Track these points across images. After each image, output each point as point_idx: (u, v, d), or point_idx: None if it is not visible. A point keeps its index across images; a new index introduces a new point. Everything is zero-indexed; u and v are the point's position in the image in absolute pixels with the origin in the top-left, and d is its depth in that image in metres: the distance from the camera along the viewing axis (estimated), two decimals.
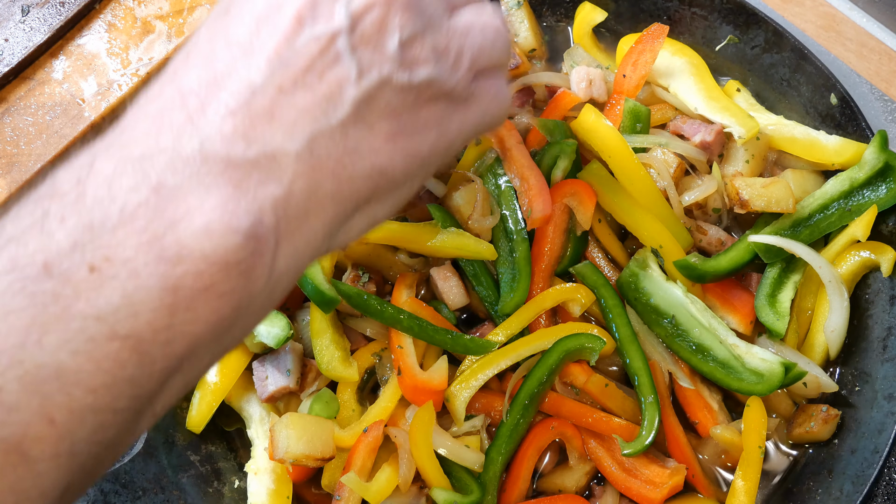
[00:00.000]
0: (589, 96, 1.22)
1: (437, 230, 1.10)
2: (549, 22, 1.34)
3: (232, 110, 0.56)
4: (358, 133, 0.59)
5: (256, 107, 0.56)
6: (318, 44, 0.58)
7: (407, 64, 0.60)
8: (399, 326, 1.08)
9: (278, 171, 0.56)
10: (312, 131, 0.57)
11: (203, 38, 0.60)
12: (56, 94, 1.19)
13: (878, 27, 1.32)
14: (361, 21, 0.59)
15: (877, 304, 1.12)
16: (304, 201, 0.58)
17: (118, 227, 0.53)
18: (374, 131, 0.60)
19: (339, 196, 0.59)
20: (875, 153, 1.12)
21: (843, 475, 1.04)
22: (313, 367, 1.12)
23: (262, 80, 0.57)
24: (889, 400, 1.05)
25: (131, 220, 0.53)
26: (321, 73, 0.58)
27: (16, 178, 1.14)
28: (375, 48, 0.59)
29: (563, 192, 1.13)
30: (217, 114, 0.56)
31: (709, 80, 1.22)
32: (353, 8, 0.59)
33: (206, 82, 0.57)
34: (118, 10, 1.24)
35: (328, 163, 0.58)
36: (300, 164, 0.57)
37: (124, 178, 0.54)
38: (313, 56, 0.58)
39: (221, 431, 1.17)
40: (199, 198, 0.54)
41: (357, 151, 0.59)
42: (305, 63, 0.58)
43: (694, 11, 1.26)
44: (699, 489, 1.08)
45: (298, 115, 0.57)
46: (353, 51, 0.58)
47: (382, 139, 0.60)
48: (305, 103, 0.57)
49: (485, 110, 0.68)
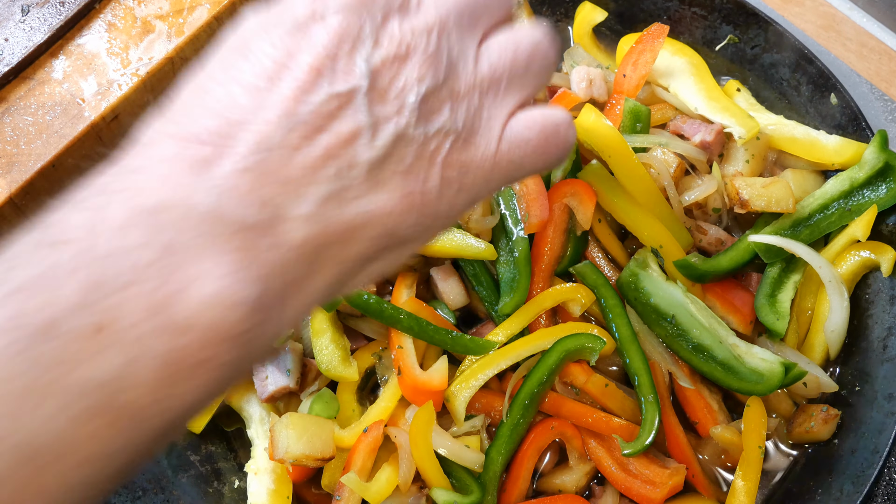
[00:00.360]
0: (589, 96, 1.22)
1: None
2: (549, 22, 1.34)
3: (245, 167, 0.54)
4: (369, 193, 0.57)
5: (269, 165, 0.54)
6: (335, 101, 0.56)
7: (425, 116, 0.58)
8: (399, 326, 1.08)
9: (287, 235, 0.54)
10: (323, 193, 0.55)
11: (217, 75, 0.58)
12: (56, 94, 1.19)
13: (878, 27, 1.32)
14: (381, 76, 0.57)
15: (877, 304, 1.12)
16: (311, 264, 0.56)
17: (127, 287, 0.51)
18: (388, 191, 0.57)
19: (344, 257, 0.57)
20: (875, 153, 1.12)
21: (843, 475, 1.04)
22: (313, 367, 1.12)
23: (277, 136, 0.55)
24: (889, 400, 1.05)
25: (140, 280, 0.51)
26: (337, 133, 0.56)
27: (16, 178, 1.14)
28: (393, 105, 0.57)
29: (562, 192, 1.13)
30: (230, 170, 0.54)
31: (709, 80, 1.22)
32: (374, 63, 0.57)
33: (219, 132, 0.55)
34: (118, 9, 1.24)
35: (337, 226, 0.56)
36: (309, 227, 0.55)
37: (137, 232, 0.52)
38: (330, 113, 0.56)
39: (221, 431, 1.17)
40: (210, 263, 0.52)
41: (368, 213, 0.57)
42: (320, 121, 0.55)
43: (694, 11, 1.26)
44: (699, 489, 1.08)
45: (310, 175, 0.55)
46: (371, 108, 0.56)
47: (396, 199, 0.58)
48: (318, 163, 0.55)
49: (521, 157, 0.63)
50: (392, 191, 0.57)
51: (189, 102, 0.58)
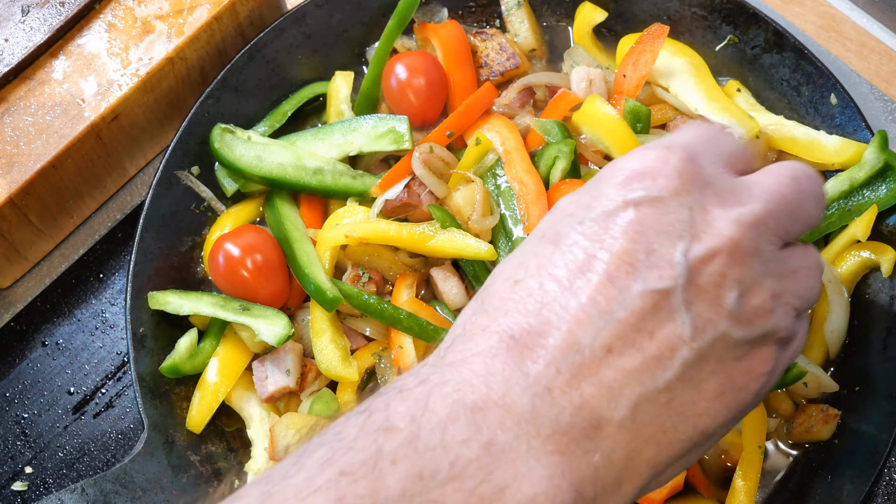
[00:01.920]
0: (589, 96, 1.22)
1: (437, 230, 1.10)
2: (549, 22, 1.34)
3: (558, 369, 0.53)
4: (684, 395, 0.54)
5: (582, 365, 0.53)
6: (651, 298, 0.53)
7: (745, 319, 0.55)
8: (399, 326, 1.08)
9: (601, 440, 0.53)
10: (637, 396, 0.53)
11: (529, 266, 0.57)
12: (56, 94, 1.19)
13: (878, 27, 1.32)
14: (700, 273, 0.54)
15: (877, 304, 1.12)
16: (622, 470, 0.54)
17: (447, 483, 0.50)
18: (702, 391, 0.55)
19: (655, 461, 0.55)
20: (875, 153, 1.12)
21: (843, 475, 1.04)
22: (313, 367, 1.12)
23: (588, 336, 0.53)
24: (889, 400, 1.05)
25: (461, 477, 0.50)
26: (652, 332, 0.53)
27: (16, 178, 1.14)
28: (712, 304, 0.54)
29: (562, 193, 1.13)
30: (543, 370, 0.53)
31: (709, 80, 1.22)
32: (692, 257, 0.54)
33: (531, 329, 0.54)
34: (118, 10, 1.24)
35: (650, 429, 0.54)
36: (622, 433, 0.53)
37: (457, 428, 0.52)
38: (644, 311, 0.53)
39: (221, 431, 1.17)
40: (528, 465, 0.51)
41: (681, 415, 0.55)
42: (636, 320, 0.53)
43: (694, 11, 1.26)
44: (699, 489, 1.08)
45: (625, 378, 0.53)
46: (689, 307, 0.54)
47: (710, 398, 0.55)
48: (633, 365, 0.53)
49: (799, 346, 0.63)
50: (706, 390, 0.55)
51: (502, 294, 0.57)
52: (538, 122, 1.17)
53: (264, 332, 1.08)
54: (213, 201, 1.23)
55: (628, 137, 1.11)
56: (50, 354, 1.24)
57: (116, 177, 1.29)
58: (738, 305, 0.55)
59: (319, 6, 1.27)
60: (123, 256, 1.29)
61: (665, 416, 0.54)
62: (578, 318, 0.53)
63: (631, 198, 0.55)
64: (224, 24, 1.25)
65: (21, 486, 1.18)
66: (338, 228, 1.13)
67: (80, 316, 1.26)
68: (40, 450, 1.20)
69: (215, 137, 1.19)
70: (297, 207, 1.21)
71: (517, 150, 1.16)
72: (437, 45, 1.26)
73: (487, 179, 1.16)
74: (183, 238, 1.22)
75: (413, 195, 1.13)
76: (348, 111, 1.25)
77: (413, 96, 1.21)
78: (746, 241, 0.55)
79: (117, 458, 1.19)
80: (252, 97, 1.27)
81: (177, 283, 1.19)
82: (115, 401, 1.22)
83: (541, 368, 0.53)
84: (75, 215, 1.27)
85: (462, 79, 1.24)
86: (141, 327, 1.13)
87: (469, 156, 1.16)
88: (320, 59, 1.31)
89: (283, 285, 1.15)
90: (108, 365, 1.24)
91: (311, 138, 1.22)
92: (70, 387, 1.23)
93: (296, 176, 1.17)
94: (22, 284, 1.27)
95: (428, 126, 1.23)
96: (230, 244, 1.13)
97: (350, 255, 1.16)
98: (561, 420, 0.53)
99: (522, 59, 1.27)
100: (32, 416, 1.22)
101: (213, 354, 1.13)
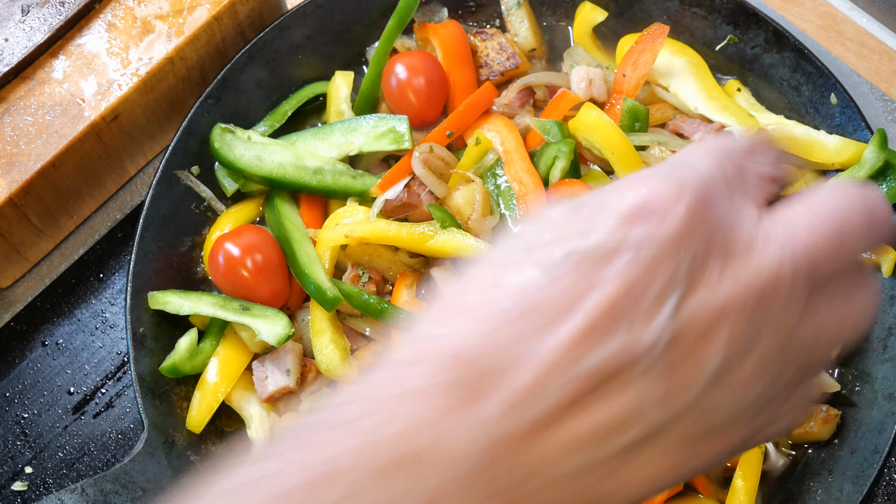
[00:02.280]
0: (589, 96, 1.22)
1: (437, 230, 1.10)
2: (549, 22, 1.34)
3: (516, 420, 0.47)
4: (634, 462, 0.48)
5: (536, 420, 0.47)
6: (620, 359, 0.46)
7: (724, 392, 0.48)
8: (399, 326, 1.08)
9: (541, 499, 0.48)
10: (583, 462, 0.47)
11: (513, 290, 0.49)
12: (56, 94, 1.19)
13: (878, 27, 1.32)
14: (685, 335, 0.47)
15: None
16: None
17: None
18: (656, 459, 0.49)
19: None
20: (875, 152, 1.12)
21: (843, 475, 1.04)
22: (313, 367, 1.12)
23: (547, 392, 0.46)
24: (889, 400, 1.05)
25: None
26: (616, 402, 0.47)
27: (16, 178, 1.14)
28: (691, 371, 0.47)
29: (561, 193, 1.13)
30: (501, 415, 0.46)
31: (709, 79, 1.22)
32: (683, 315, 0.47)
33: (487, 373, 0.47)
34: (118, 9, 1.24)
35: (590, 494, 0.48)
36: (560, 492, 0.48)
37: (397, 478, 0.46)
38: (614, 370, 0.47)
39: (221, 431, 1.17)
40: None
41: (628, 483, 0.49)
42: (600, 380, 0.47)
43: (694, 11, 1.26)
44: (699, 489, 1.08)
45: (573, 441, 0.47)
46: (659, 375, 0.47)
47: (665, 468, 0.49)
48: (583, 430, 0.47)
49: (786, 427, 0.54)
50: (663, 459, 0.49)
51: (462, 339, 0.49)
52: (538, 122, 1.17)
53: (264, 332, 1.08)
54: (213, 201, 1.23)
55: (622, 142, 1.11)
56: (50, 354, 1.24)
57: (116, 177, 1.29)
58: (718, 374, 0.48)
59: (319, 6, 1.27)
60: (123, 256, 1.29)
61: (610, 484, 0.49)
62: (542, 369, 0.47)
63: (632, 238, 0.48)
64: (224, 23, 1.25)
65: (21, 486, 1.18)
66: (338, 228, 1.13)
67: (80, 316, 1.26)
68: (40, 450, 1.20)
69: (215, 137, 1.19)
70: (297, 207, 1.21)
71: (517, 149, 1.16)
72: (437, 44, 1.26)
73: (487, 179, 1.16)
74: (183, 238, 1.22)
75: (413, 195, 1.13)
76: (348, 111, 1.25)
77: (413, 96, 1.21)
78: (751, 303, 0.48)
79: (117, 458, 1.19)
80: (252, 97, 1.27)
81: (177, 282, 1.19)
82: (115, 401, 1.22)
83: (498, 412, 0.47)
84: (75, 215, 1.27)
85: (462, 79, 1.24)
86: (141, 327, 1.13)
87: (469, 156, 1.16)
88: (320, 59, 1.31)
89: (283, 285, 1.15)
90: (108, 365, 1.24)
91: (311, 138, 1.22)
92: (70, 387, 1.23)
93: (296, 176, 1.17)
94: (22, 284, 1.27)
95: (428, 126, 1.23)
96: (230, 244, 1.13)
97: (350, 254, 1.16)
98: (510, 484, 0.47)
99: (522, 59, 1.27)
100: (32, 416, 1.22)
101: (213, 354, 1.13)
